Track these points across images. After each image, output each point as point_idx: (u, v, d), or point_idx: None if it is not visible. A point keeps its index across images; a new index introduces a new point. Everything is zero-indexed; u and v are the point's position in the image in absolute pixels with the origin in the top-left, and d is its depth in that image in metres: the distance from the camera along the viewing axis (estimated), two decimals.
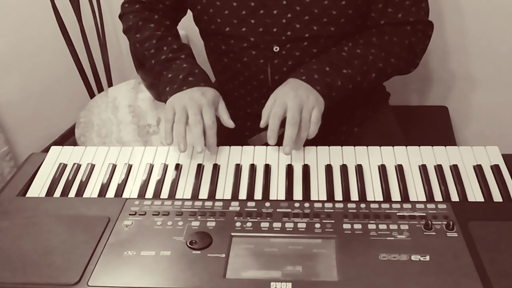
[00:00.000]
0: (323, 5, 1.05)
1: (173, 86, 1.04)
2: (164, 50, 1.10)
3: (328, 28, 1.08)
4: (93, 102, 1.80)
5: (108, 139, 1.63)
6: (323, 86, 1.02)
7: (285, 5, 1.06)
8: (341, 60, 1.07)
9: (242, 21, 1.09)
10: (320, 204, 0.85)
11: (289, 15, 1.07)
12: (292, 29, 1.08)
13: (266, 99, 1.19)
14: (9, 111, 1.84)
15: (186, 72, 1.06)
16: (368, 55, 1.08)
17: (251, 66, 1.15)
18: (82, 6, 1.75)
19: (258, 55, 1.13)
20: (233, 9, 1.08)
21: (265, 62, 1.13)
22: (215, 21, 1.12)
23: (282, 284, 0.71)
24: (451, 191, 0.89)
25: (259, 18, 1.08)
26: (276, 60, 1.12)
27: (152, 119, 1.71)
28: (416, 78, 1.71)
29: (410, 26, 1.11)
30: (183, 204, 0.86)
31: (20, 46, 1.81)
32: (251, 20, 1.09)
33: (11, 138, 1.87)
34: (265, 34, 1.10)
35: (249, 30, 1.10)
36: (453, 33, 1.61)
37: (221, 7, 1.09)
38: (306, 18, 1.07)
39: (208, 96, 1.00)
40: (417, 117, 1.64)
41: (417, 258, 0.74)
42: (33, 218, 0.85)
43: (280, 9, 1.07)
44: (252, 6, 1.07)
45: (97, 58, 1.86)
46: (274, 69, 1.14)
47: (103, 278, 0.74)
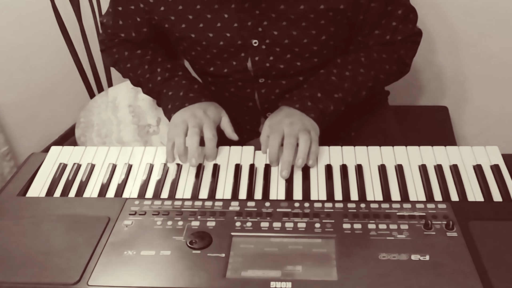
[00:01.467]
0: (303, 44, 1.05)
1: (174, 104, 1.05)
2: (158, 71, 1.11)
3: (312, 60, 1.09)
4: (93, 102, 1.80)
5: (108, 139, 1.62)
6: (317, 113, 1.02)
7: (265, 49, 1.06)
8: (332, 84, 1.06)
9: (225, 62, 1.10)
10: (320, 204, 0.85)
11: (271, 57, 1.07)
12: (277, 70, 1.09)
13: (258, 121, 1.20)
14: (9, 111, 1.84)
15: (186, 88, 1.07)
16: (357, 76, 1.07)
17: (239, 96, 1.16)
18: (82, 6, 1.75)
19: (245, 85, 1.13)
20: (214, 54, 1.08)
21: (252, 91, 1.14)
22: (198, 62, 1.13)
23: (282, 283, 0.71)
24: (451, 191, 0.89)
25: (240, 61, 1.08)
26: (263, 89, 1.13)
27: (152, 119, 1.71)
28: (416, 78, 1.71)
29: (399, 42, 1.11)
30: (183, 204, 0.86)
31: (20, 46, 1.81)
32: (233, 62, 1.09)
33: (11, 138, 1.87)
34: (249, 73, 1.10)
35: (231, 71, 1.11)
36: (454, 33, 1.61)
37: (202, 52, 1.09)
38: (288, 56, 1.07)
39: (209, 114, 1.01)
40: (417, 117, 1.64)
41: (417, 258, 0.74)
42: (33, 218, 0.85)
43: (261, 54, 1.07)
44: (232, 51, 1.07)
45: (97, 58, 1.86)
46: (262, 98, 1.14)
47: (103, 278, 0.74)
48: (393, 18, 1.08)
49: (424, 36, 1.16)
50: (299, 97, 1.05)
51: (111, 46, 1.18)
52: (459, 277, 0.71)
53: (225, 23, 1.03)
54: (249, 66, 1.08)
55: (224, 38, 1.05)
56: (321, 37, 1.04)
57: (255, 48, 1.06)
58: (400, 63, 1.12)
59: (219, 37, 1.05)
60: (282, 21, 1.02)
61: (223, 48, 1.06)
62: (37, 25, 1.83)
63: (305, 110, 1.02)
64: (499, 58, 1.63)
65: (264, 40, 1.05)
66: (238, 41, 1.05)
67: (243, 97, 1.15)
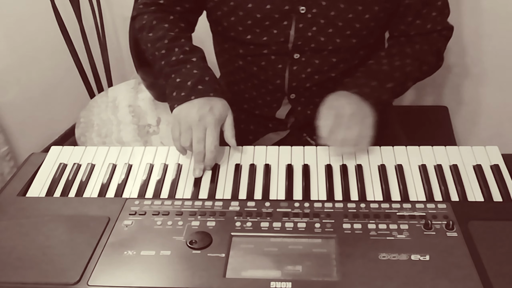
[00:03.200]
0: (347, 18, 1.05)
1: (180, 93, 1.00)
2: (175, 51, 1.06)
3: (350, 40, 1.08)
4: (93, 102, 1.80)
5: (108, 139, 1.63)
6: (374, 101, 1.03)
7: (310, 18, 1.05)
8: (384, 74, 1.08)
9: (264, 31, 1.08)
10: (320, 204, 0.85)
11: (314, 28, 1.06)
12: (317, 42, 1.08)
13: (279, 103, 1.18)
14: (9, 111, 1.84)
15: (196, 79, 1.01)
16: (406, 66, 1.09)
17: (268, 70, 1.13)
18: (82, 6, 1.75)
19: (277, 60, 1.12)
20: (256, 20, 1.06)
21: (283, 68, 1.12)
22: (236, 28, 1.10)
23: (282, 283, 0.71)
24: (451, 191, 0.89)
25: (281, 29, 1.07)
26: (295, 66, 1.12)
27: (152, 119, 1.71)
28: None
29: (437, 33, 1.13)
30: (183, 204, 0.86)
31: (20, 46, 1.81)
32: (274, 31, 1.07)
33: (11, 138, 1.88)
34: (288, 44, 1.09)
35: (270, 39, 1.09)
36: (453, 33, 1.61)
37: (243, 17, 1.07)
38: (330, 31, 1.06)
39: (215, 112, 0.97)
40: (417, 117, 1.65)
41: (417, 258, 0.74)
42: (33, 218, 0.85)
43: (305, 22, 1.06)
44: (276, 18, 1.06)
45: (97, 58, 1.86)
46: (293, 75, 1.13)
47: (103, 278, 0.74)
48: (433, 8, 1.10)
49: None
50: (355, 84, 1.05)
51: (144, 12, 1.14)
52: (459, 277, 0.71)
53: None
54: (291, 35, 1.07)
55: (272, 2, 1.04)
56: (365, 15, 1.05)
57: (301, 15, 1.05)
58: (438, 55, 1.15)
59: (267, 0, 1.04)
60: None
61: (267, 13, 1.05)
62: (37, 25, 1.83)
63: (363, 95, 1.02)
64: (499, 58, 1.63)
65: (311, 8, 1.04)
66: (286, 6, 1.04)
67: (272, 72, 1.13)
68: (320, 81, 1.13)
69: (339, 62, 1.11)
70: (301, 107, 1.17)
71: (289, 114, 1.20)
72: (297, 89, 1.15)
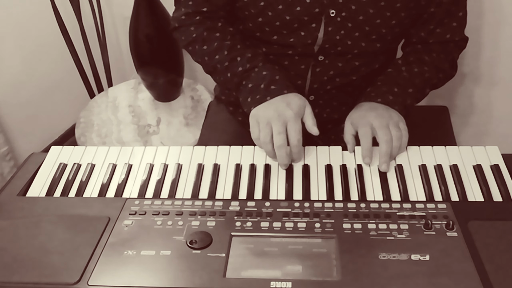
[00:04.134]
0: (374, 24, 1.05)
1: (255, 97, 1.01)
2: (238, 61, 1.06)
3: (375, 45, 1.09)
4: (93, 102, 1.80)
5: (108, 139, 1.63)
6: (400, 106, 1.03)
7: (339, 21, 1.05)
8: (404, 79, 1.08)
9: (292, 32, 1.07)
10: (320, 204, 0.85)
11: (342, 31, 1.06)
12: (343, 45, 1.08)
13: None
14: (9, 111, 1.84)
15: (267, 80, 1.02)
16: (424, 73, 1.10)
17: (291, 70, 1.13)
18: (82, 6, 1.75)
19: (301, 61, 1.11)
20: (285, 21, 1.06)
21: (306, 69, 1.12)
22: (262, 29, 1.09)
23: (282, 283, 0.71)
24: (451, 191, 0.89)
25: (310, 32, 1.06)
26: (319, 68, 1.11)
27: (152, 119, 1.71)
28: None
29: (454, 43, 1.14)
30: (183, 204, 0.86)
31: (20, 46, 1.81)
32: (301, 33, 1.07)
33: (11, 138, 1.88)
34: (314, 45, 1.08)
35: (297, 41, 1.08)
36: None
37: (272, 18, 1.06)
38: (357, 34, 1.07)
39: (293, 107, 0.97)
40: (417, 117, 1.64)
41: (417, 258, 0.74)
42: (33, 218, 0.85)
43: (334, 26, 1.05)
44: (305, 20, 1.05)
45: (97, 58, 1.86)
46: (315, 77, 1.12)
47: (103, 278, 0.74)
48: (454, 18, 1.11)
49: None
50: (378, 92, 1.06)
51: (190, 24, 1.12)
52: (459, 277, 0.71)
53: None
54: (319, 37, 1.06)
55: (303, 4, 1.03)
56: (392, 21, 1.05)
57: (331, 18, 1.04)
58: (452, 64, 1.15)
59: (297, 2, 1.03)
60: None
61: (297, 15, 1.04)
62: (37, 25, 1.83)
63: (388, 103, 1.03)
64: (499, 58, 1.63)
65: (341, 12, 1.04)
66: (316, 8, 1.03)
67: (294, 73, 1.13)
68: (341, 84, 1.13)
69: (361, 66, 1.12)
70: (318, 110, 1.16)
71: None
72: (317, 91, 1.14)
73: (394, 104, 1.03)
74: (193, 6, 1.11)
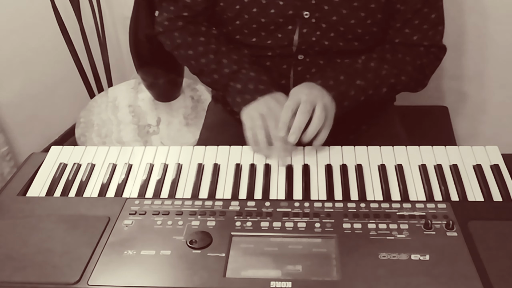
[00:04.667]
0: (349, 24, 1.05)
1: (245, 97, 1.04)
2: (224, 63, 1.09)
3: (352, 44, 1.09)
4: (93, 102, 1.80)
5: (108, 139, 1.63)
6: (337, 93, 1.02)
7: (314, 23, 1.06)
8: (356, 71, 1.07)
9: (269, 34, 1.09)
10: (320, 204, 0.85)
11: (318, 32, 1.07)
12: (320, 46, 1.09)
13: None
14: (9, 111, 1.84)
15: (255, 80, 1.06)
16: (381, 70, 1.08)
17: (273, 71, 1.14)
18: (82, 6, 1.75)
19: (282, 61, 1.13)
20: (261, 24, 1.07)
21: (288, 68, 1.13)
22: (241, 31, 1.11)
23: (282, 283, 0.71)
24: (451, 190, 0.89)
25: (286, 33, 1.08)
26: (300, 67, 1.12)
27: (152, 119, 1.71)
28: None
29: (424, 48, 1.11)
30: (183, 204, 0.86)
31: (20, 46, 1.81)
32: (278, 35, 1.08)
33: (11, 138, 1.88)
34: (292, 46, 1.09)
35: (275, 43, 1.10)
36: (453, 33, 1.61)
37: (248, 20, 1.08)
38: (332, 35, 1.07)
39: (283, 103, 0.99)
40: (417, 117, 1.65)
41: (417, 258, 0.74)
42: (33, 218, 0.85)
43: (309, 27, 1.06)
44: (281, 22, 1.07)
45: (97, 58, 1.86)
46: (297, 76, 1.13)
47: (103, 278, 0.74)
48: (425, 21, 1.08)
49: None
50: (321, 76, 1.05)
51: (173, 30, 1.14)
52: (459, 277, 0.71)
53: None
54: (295, 39, 1.08)
55: (277, 6, 1.05)
56: (367, 21, 1.05)
57: (305, 20, 1.06)
58: (421, 71, 1.12)
59: (272, 5, 1.04)
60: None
61: (272, 18, 1.06)
62: (37, 26, 1.83)
63: (326, 87, 1.02)
64: (499, 58, 1.63)
65: (314, 13, 1.05)
66: (290, 10, 1.05)
67: (277, 73, 1.14)
68: None
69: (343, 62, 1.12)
70: None
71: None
72: None
73: (331, 89, 1.02)
74: (174, 11, 1.13)
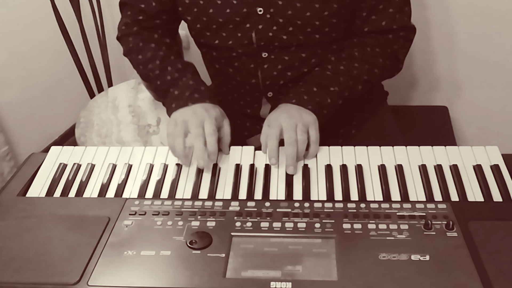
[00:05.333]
0: (305, 17, 1.06)
1: (179, 102, 1.05)
2: (168, 70, 1.11)
3: (313, 36, 1.09)
4: (93, 102, 1.80)
5: (108, 139, 1.63)
6: (314, 105, 1.03)
7: (269, 18, 1.07)
8: (327, 79, 1.08)
9: (230, 34, 1.10)
10: (320, 204, 0.85)
11: (274, 27, 1.08)
12: (279, 40, 1.09)
13: (259, 103, 1.20)
14: (9, 111, 1.84)
15: (192, 89, 1.06)
16: (352, 70, 1.09)
17: (242, 71, 1.16)
18: (82, 6, 1.75)
19: (249, 60, 1.14)
20: (220, 24, 1.09)
21: (255, 67, 1.14)
22: (204, 34, 1.13)
23: (282, 283, 0.71)
24: (451, 191, 0.89)
25: (245, 32, 1.09)
26: (266, 65, 1.13)
27: (152, 119, 1.71)
28: (416, 78, 1.71)
29: (392, 34, 1.12)
30: (183, 204, 0.86)
31: (20, 46, 1.81)
32: (238, 34, 1.10)
33: (11, 138, 1.87)
34: (252, 45, 1.10)
35: (236, 43, 1.11)
36: (454, 33, 1.61)
37: (207, 22, 1.10)
38: (291, 29, 1.08)
39: (212, 114, 1.01)
40: (417, 117, 1.64)
41: (417, 258, 0.74)
42: (33, 218, 0.85)
43: (264, 23, 1.07)
44: (237, 21, 1.08)
45: (97, 58, 1.86)
46: (265, 73, 1.14)
47: (103, 278, 0.74)
48: (390, 4, 1.09)
49: (424, 36, 1.16)
50: (295, 93, 1.06)
51: (128, 34, 1.17)
52: (459, 277, 0.71)
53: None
54: (253, 37, 1.09)
55: (231, 6, 1.06)
56: (324, 13, 1.05)
57: (260, 16, 1.06)
58: (393, 58, 1.13)
59: (226, 4, 1.06)
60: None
61: (228, 17, 1.07)
62: (37, 26, 1.83)
63: (302, 103, 1.03)
64: (499, 58, 1.63)
65: (268, 8, 1.06)
66: (244, 8, 1.06)
67: (246, 72, 1.15)
68: (293, 77, 1.14)
69: (309, 57, 1.12)
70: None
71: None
72: (272, 87, 1.16)
73: (307, 103, 1.02)
74: (131, 15, 1.16)
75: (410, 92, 1.76)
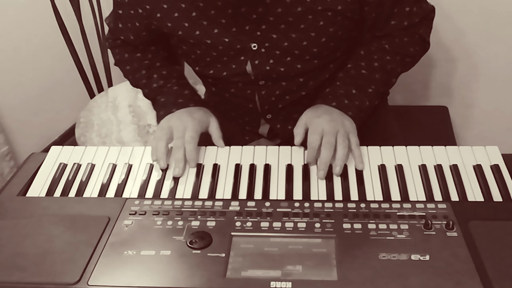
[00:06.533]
0: (302, 46, 1.04)
1: (165, 109, 1.07)
2: (154, 78, 1.13)
3: (312, 62, 1.07)
4: (93, 102, 1.80)
5: (108, 139, 1.63)
6: (354, 111, 1.02)
7: (264, 52, 1.05)
8: (363, 78, 1.06)
9: (224, 66, 1.09)
10: (320, 204, 0.85)
11: (271, 61, 1.06)
12: (277, 73, 1.08)
13: (258, 123, 1.20)
14: (9, 111, 1.83)
15: (176, 94, 1.09)
16: (386, 64, 1.07)
17: (239, 97, 1.15)
18: (82, 6, 1.75)
19: (245, 86, 1.13)
20: (214, 57, 1.07)
21: (252, 93, 1.13)
22: (199, 64, 1.12)
23: (282, 283, 0.71)
24: (451, 191, 0.89)
25: (239, 64, 1.07)
26: (264, 91, 1.12)
27: (152, 119, 1.71)
28: (416, 78, 1.71)
29: (414, 28, 1.10)
30: (183, 204, 0.86)
31: (20, 46, 1.81)
32: (232, 66, 1.08)
33: (11, 138, 1.87)
34: (249, 76, 1.09)
35: (231, 74, 1.09)
36: (453, 33, 1.61)
37: (201, 55, 1.08)
38: (288, 59, 1.06)
39: (196, 117, 1.02)
40: (417, 117, 1.64)
41: (417, 258, 0.74)
42: (33, 218, 0.85)
43: (260, 58, 1.06)
44: (232, 54, 1.06)
45: (97, 58, 1.86)
46: (263, 99, 1.14)
47: (103, 278, 0.74)
48: (404, 3, 1.06)
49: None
50: (334, 95, 1.04)
51: (114, 46, 1.19)
52: (459, 277, 0.71)
53: (223, 28, 1.02)
54: (248, 70, 1.07)
55: (223, 43, 1.04)
56: (321, 39, 1.03)
57: (255, 52, 1.05)
58: (421, 42, 1.11)
59: (218, 42, 1.04)
60: (280, 24, 1.02)
61: (222, 52, 1.06)
62: (37, 26, 1.83)
63: (342, 108, 1.02)
64: (499, 58, 1.63)
65: (263, 43, 1.04)
66: (237, 45, 1.04)
67: (243, 98, 1.15)
68: (292, 100, 1.13)
69: (307, 81, 1.11)
70: (280, 125, 1.18)
71: (270, 131, 1.22)
72: (270, 110, 1.15)
73: (348, 109, 1.02)
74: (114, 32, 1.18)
75: (410, 92, 1.76)
